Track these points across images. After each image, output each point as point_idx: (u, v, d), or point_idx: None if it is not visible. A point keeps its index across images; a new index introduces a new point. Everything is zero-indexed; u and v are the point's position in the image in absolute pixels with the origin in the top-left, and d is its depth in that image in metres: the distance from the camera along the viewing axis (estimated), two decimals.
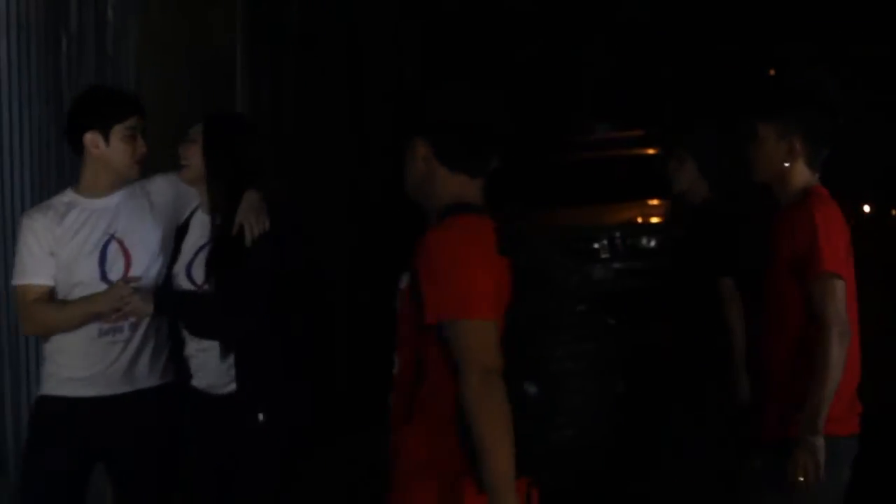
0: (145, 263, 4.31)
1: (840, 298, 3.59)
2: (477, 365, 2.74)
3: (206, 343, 4.30)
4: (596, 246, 13.05)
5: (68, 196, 4.34)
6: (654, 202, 13.93)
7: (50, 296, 4.22)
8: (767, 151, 3.80)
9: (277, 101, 8.19)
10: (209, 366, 4.31)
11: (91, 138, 4.27)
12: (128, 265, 4.27)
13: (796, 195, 3.77)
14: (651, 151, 14.79)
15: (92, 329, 4.20)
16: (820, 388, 3.54)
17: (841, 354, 3.55)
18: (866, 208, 48.49)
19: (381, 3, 10.65)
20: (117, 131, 4.27)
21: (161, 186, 4.48)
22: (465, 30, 13.98)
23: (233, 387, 4.29)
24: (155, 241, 4.35)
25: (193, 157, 4.34)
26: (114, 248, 4.26)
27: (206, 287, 4.32)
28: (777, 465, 3.60)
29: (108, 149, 4.28)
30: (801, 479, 3.55)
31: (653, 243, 13.56)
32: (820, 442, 3.54)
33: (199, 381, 4.36)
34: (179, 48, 6.88)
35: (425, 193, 3.01)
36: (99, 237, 4.26)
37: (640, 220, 13.70)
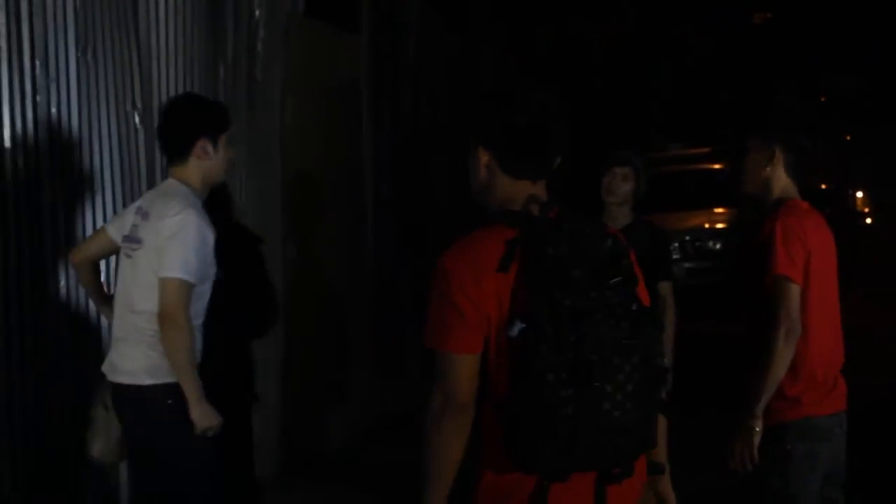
0: None
1: (791, 299, 3.49)
2: (440, 392, 2.52)
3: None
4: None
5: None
6: (720, 210, 13.97)
7: None
8: (753, 158, 3.73)
9: (396, 123, 8.28)
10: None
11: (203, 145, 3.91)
12: None
13: (773, 205, 3.68)
14: (717, 166, 14.82)
15: None
16: (763, 379, 3.49)
17: (786, 350, 3.48)
18: None
19: (482, 42, 10.73)
20: (222, 139, 3.96)
21: None
22: (554, 64, 14.04)
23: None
24: None
25: None
26: None
27: None
28: (766, 447, 3.55)
29: (215, 156, 3.94)
30: (737, 458, 3.53)
31: (718, 246, 13.53)
32: (758, 426, 3.51)
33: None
34: (316, 77, 6.99)
35: (487, 198, 2.70)
36: None
37: (707, 225, 13.76)
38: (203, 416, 3.75)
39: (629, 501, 2.60)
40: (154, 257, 3.78)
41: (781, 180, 3.71)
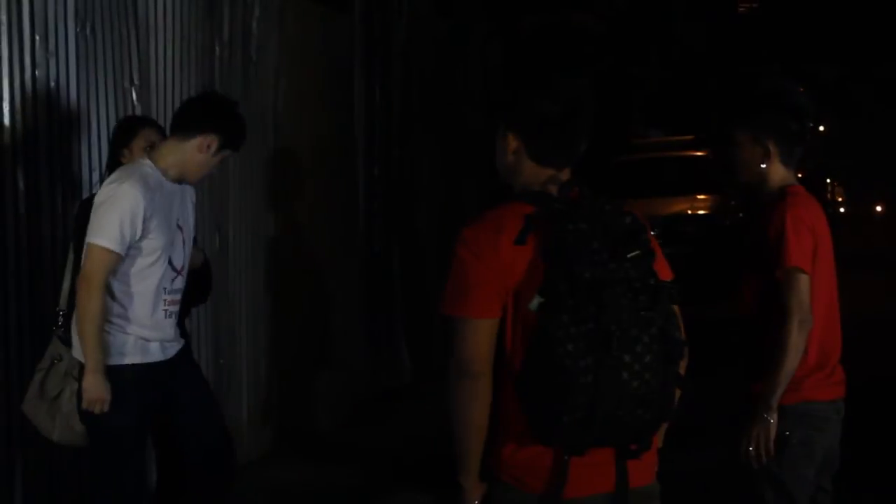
0: None
1: (803, 290, 3.46)
2: (455, 359, 2.51)
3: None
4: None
5: None
6: (701, 196, 13.97)
7: None
8: (745, 155, 3.65)
9: (387, 103, 8.26)
10: None
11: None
12: None
13: (774, 194, 3.61)
14: (700, 153, 14.84)
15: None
16: (778, 370, 3.44)
17: (799, 341, 3.45)
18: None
19: (470, 28, 10.68)
20: (223, 154, 4.02)
21: None
22: (542, 49, 14.01)
23: None
24: None
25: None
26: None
27: None
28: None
29: (208, 157, 3.96)
30: (751, 449, 3.46)
31: (700, 231, 13.53)
32: (774, 418, 3.47)
33: None
34: (309, 56, 6.96)
35: (512, 181, 2.69)
36: None
37: (689, 211, 13.76)
38: (93, 387, 3.69)
39: (649, 475, 2.58)
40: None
41: (779, 172, 3.64)
